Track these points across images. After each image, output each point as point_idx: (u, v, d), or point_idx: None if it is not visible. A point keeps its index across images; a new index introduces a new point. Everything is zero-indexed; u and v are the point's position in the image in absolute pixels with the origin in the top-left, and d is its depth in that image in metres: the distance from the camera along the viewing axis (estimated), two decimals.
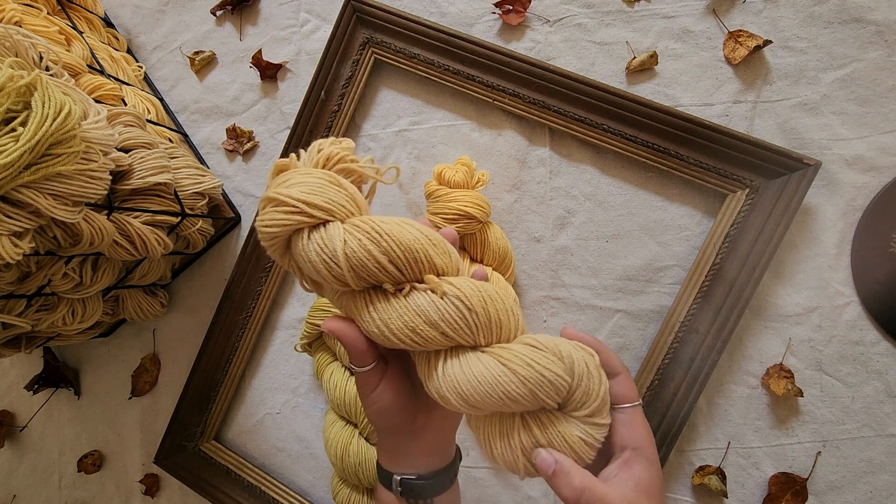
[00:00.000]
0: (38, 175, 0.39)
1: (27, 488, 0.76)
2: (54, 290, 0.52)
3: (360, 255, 0.30)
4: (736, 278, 0.54)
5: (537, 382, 0.29)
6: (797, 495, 0.53)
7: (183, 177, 0.60)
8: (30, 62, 0.45)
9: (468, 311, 0.30)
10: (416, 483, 0.36)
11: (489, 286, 0.32)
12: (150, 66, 0.77)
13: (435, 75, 0.63)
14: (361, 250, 0.30)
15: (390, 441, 0.37)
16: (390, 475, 0.37)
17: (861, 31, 0.55)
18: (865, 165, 0.54)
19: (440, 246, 0.32)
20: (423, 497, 0.36)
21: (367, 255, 0.30)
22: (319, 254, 0.30)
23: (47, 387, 0.73)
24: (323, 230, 0.31)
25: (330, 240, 0.30)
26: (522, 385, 0.29)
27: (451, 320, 0.30)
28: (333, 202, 0.31)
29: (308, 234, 0.31)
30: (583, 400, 0.31)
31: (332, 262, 0.30)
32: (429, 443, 0.37)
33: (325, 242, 0.30)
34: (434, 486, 0.37)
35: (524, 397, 0.29)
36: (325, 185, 0.31)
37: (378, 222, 0.31)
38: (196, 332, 0.70)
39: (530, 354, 0.30)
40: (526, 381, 0.29)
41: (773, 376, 0.55)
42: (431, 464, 0.37)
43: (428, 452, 0.37)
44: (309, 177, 0.32)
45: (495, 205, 0.62)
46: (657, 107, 0.56)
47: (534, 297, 0.62)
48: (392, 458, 0.37)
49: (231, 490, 0.65)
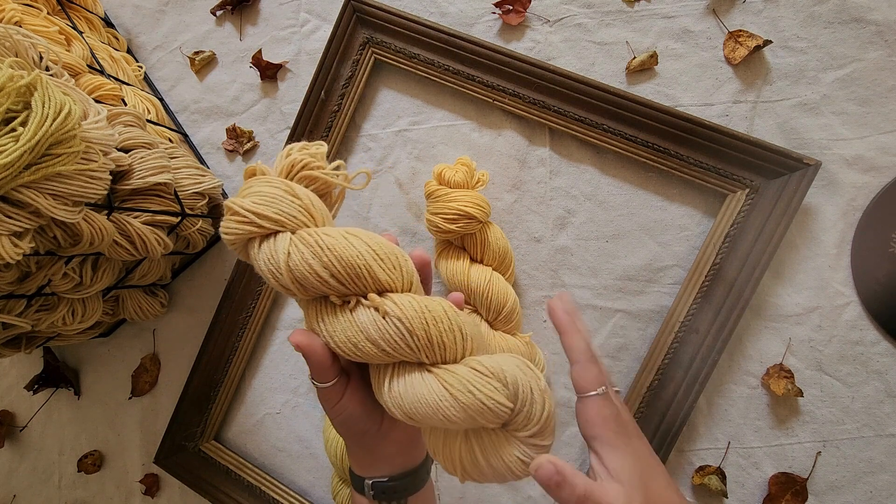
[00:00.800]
0: (38, 175, 0.39)
1: (27, 488, 0.76)
2: (54, 290, 0.52)
3: (301, 269, 0.30)
4: (736, 278, 0.54)
5: (477, 409, 0.29)
6: (797, 495, 0.54)
7: (183, 177, 0.60)
8: (30, 62, 0.45)
9: (408, 334, 0.30)
10: (387, 485, 0.37)
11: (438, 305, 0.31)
12: (150, 66, 0.77)
13: (435, 75, 0.63)
14: (303, 263, 0.30)
15: (359, 447, 0.38)
16: (362, 480, 0.37)
17: (861, 31, 0.55)
18: (865, 165, 0.54)
19: (388, 261, 0.31)
20: (395, 498, 0.37)
21: (308, 269, 0.30)
22: (266, 264, 0.31)
23: (47, 387, 0.73)
24: (273, 241, 0.31)
25: (275, 252, 0.31)
26: (462, 411, 0.29)
27: (391, 340, 0.30)
28: (283, 213, 0.31)
29: (259, 243, 0.32)
30: (524, 423, 0.30)
31: (277, 273, 0.31)
32: (397, 444, 0.37)
33: (271, 254, 0.31)
34: (406, 487, 0.37)
35: (464, 421, 0.29)
36: (279, 196, 0.32)
37: (322, 235, 0.31)
38: (196, 332, 0.70)
39: (472, 381, 0.29)
40: (466, 407, 0.29)
41: (773, 376, 0.55)
42: (402, 464, 0.38)
43: (397, 454, 0.38)
44: (267, 186, 0.32)
45: (495, 205, 0.62)
46: (657, 107, 0.56)
47: (534, 297, 0.62)
48: (362, 464, 0.38)
49: (231, 490, 0.65)
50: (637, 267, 0.59)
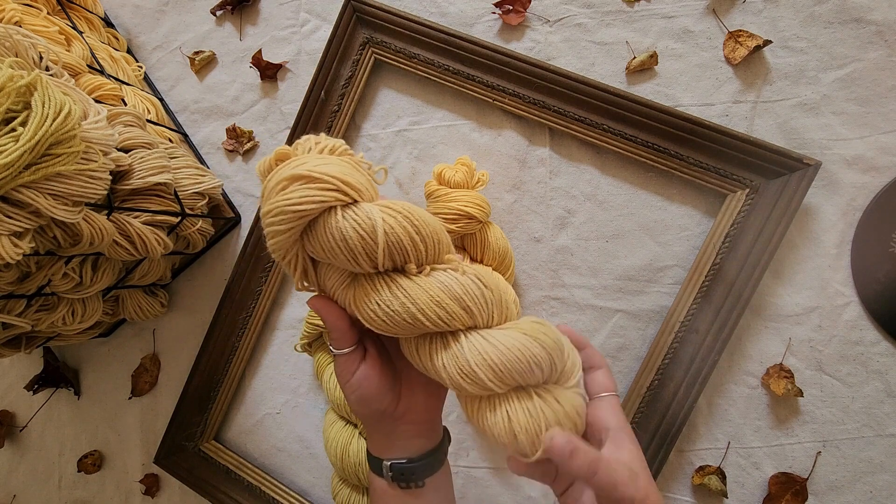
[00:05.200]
0: (38, 175, 0.39)
1: (27, 488, 0.76)
2: (54, 290, 0.52)
3: (398, 233, 0.31)
4: (736, 278, 0.54)
5: (553, 348, 0.31)
6: (797, 495, 0.54)
7: (183, 177, 0.60)
8: (30, 62, 0.45)
9: (485, 288, 0.32)
10: (406, 466, 0.37)
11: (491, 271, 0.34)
12: (150, 66, 0.77)
13: (435, 75, 0.63)
14: (400, 228, 0.31)
15: (376, 428, 0.38)
16: (380, 461, 0.37)
17: (861, 31, 0.55)
18: (865, 165, 0.54)
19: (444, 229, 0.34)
20: (414, 480, 0.37)
21: (404, 233, 0.31)
22: (357, 230, 0.30)
23: (47, 387, 0.73)
24: (356, 209, 0.31)
25: (368, 217, 0.30)
26: (544, 350, 0.31)
27: (473, 295, 0.32)
28: (362, 184, 0.32)
29: (342, 212, 0.31)
30: (572, 369, 0.33)
31: (370, 239, 0.30)
32: (415, 425, 0.37)
33: (363, 219, 0.30)
34: (424, 468, 0.37)
35: (545, 362, 0.31)
36: (351, 168, 0.32)
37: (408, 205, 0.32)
38: (196, 332, 0.70)
39: (540, 327, 0.32)
40: (545, 347, 0.31)
41: (773, 376, 0.55)
42: (420, 446, 0.38)
43: (415, 435, 0.38)
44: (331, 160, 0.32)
45: (495, 205, 0.62)
46: (657, 107, 0.56)
47: (534, 297, 0.62)
48: (380, 445, 0.38)
49: (231, 490, 0.65)
50: (637, 267, 0.59)
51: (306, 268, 0.35)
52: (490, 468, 0.61)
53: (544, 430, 0.31)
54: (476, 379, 0.31)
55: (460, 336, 0.32)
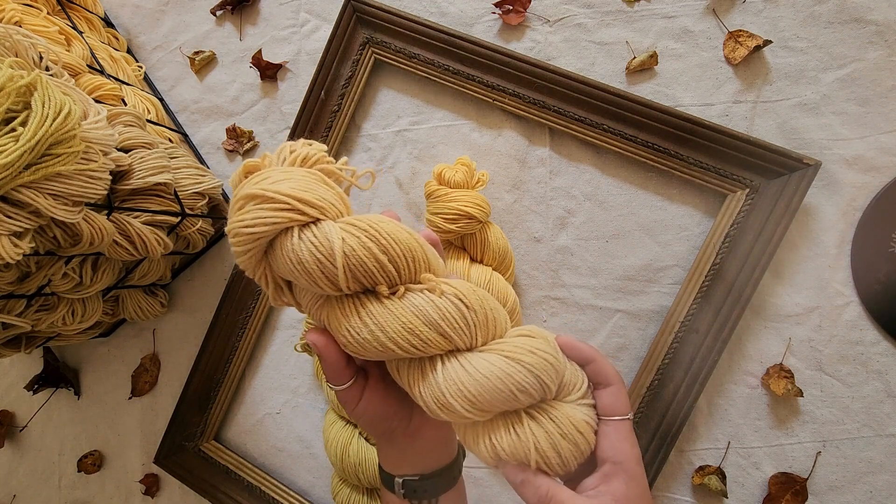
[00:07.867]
0: (38, 175, 0.39)
1: (27, 488, 0.76)
2: (54, 290, 0.52)
3: (359, 254, 0.28)
4: (736, 278, 0.54)
5: (542, 368, 0.29)
6: (797, 495, 0.53)
7: (183, 177, 0.60)
8: (30, 62, 0.45)
9: (466, 310, 0.30)
10: (418, 483, 0.36)
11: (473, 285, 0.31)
12: (150, 66, 0.77)
13: (435, 75, 0.63)
14: (361, 249, 0.28)
15: (389, 445, 0.37)
16: (392, 478, 0.36)
17: (861, 31, 0.55)
18: (865, 165, 0.54)
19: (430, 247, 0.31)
20: (426, 497, 0.36)
21: (367, 254, 0.28)
22: (314, 253, 0.28)
23: (47, 387, 0.73)
24: (314, 229, 0.28)
25: (326, 238, 0.28)
26: (529, 374, 0.29)
27: (451, 319, 0.29)
28: (325, 199, 0.29)
29: (298, 233, 0.28)
30: (572, 381, 0.31)
31: (328, 262, 0.28)
32: (428, 442, 0.36)
33: (321, 241, 0.28)
34: (437, 485, 0.36)
35: (532, 386, 0.29)
36: (314, 183, 0.29)
37: (375, 221, 0.29)
38: (196, 332, 0.70)
39: (529, 343, 0.30)
40: (532, 368, 0.29)
41: (773, 376, 0.55)
42: (433, 462, 0.37)
43: (428, 452, 0.37)
44: (294, 174, 0.29)
45: (495, 205, 0.62)
46: (657, 107, 0.56)
47: (534, 297, 0.62)
48: (392, 460, 0.37)
49: (231, 490, 0.65)
50: (637, 267, 0.59)
51: (279, 284, 0.32)
52: (490, 468, 0.61)
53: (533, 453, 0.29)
54: (453, 410, 0.29)
55: (437, 363, 0.30)
